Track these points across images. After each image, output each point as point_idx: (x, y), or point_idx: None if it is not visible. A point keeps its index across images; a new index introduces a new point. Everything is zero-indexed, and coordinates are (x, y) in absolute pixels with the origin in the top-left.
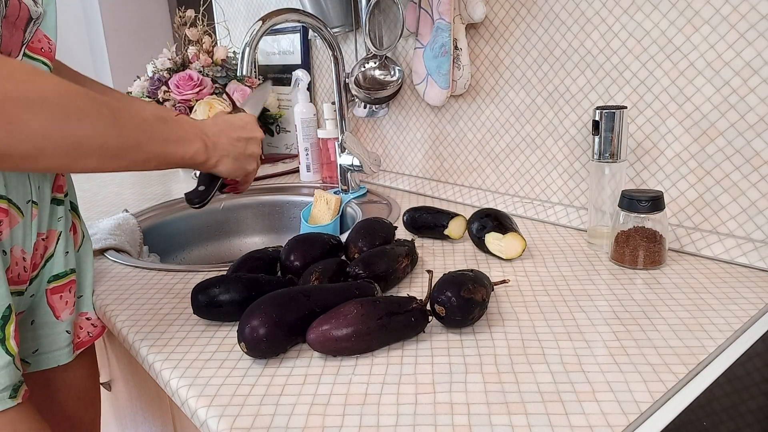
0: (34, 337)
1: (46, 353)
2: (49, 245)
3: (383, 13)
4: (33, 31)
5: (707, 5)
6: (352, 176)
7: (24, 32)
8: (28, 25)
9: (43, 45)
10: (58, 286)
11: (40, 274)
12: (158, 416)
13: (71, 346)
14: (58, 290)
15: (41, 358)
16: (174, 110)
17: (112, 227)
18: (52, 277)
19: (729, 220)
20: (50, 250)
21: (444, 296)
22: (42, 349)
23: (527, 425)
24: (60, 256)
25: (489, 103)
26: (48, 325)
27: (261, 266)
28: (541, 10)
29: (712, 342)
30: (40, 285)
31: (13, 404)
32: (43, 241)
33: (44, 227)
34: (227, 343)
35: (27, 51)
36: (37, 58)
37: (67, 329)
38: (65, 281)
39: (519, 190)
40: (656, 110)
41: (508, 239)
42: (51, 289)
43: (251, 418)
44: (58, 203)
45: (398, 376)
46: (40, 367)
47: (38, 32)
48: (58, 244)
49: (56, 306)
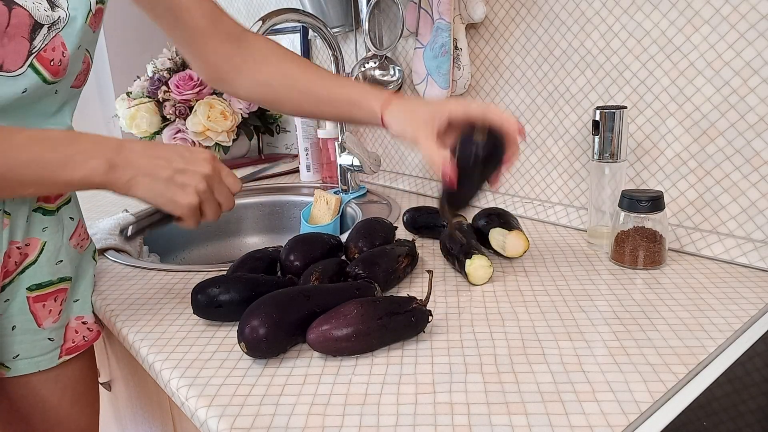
0: (15, 342)
1: (26, 359)
2: (30, 253)
3: (383, 13)
4: (49, 38)
5: (707, 5)
6: (352, 176)
7: (30, 40)
8: (36, 31)
9: (55, 56)
10: (42, 295)
11: (17, 280)
12: (158, 416)
13: (56, 351)
14: (42, 299)
15: (21, 363)
16: (78, 132)
17: (112, 227)
18: (34, 285)
19: (729, 220)
20: (31, 257)
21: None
22: (23, 354)
23: (527, 425)
24: (44, 265)
25: (489, 103)
26: (29, 332)
27: (261, 266)
28: (541, 10)
29: (712, 342)
30: (16, 291)
31: None
32: (18, 249)
33: (20, 236)
34: (227, 343)
35: (35, 61)
36: (39, 72)
37: (49, 337)
38: (50, 290)
39: (519, 190)
40: (656, 110)
41: (512, 236)
42: (33, 297)
43: (251, 418)
44: (44, 213)
45: (398, 376)
46: (19, 372)
47: (56, 39)
48: (42, 254)
49: (38, 314)
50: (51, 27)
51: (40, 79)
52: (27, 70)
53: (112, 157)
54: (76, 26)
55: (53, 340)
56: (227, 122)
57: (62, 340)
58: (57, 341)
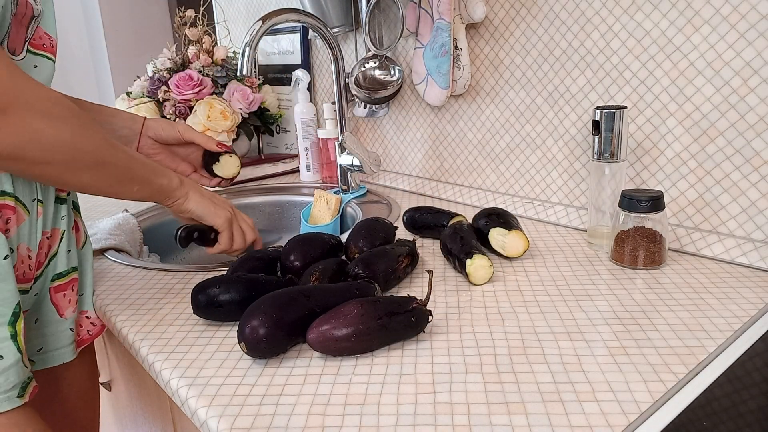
0: (39, 335)
1: (50, 351)
2: (53, 244)
3: (383, 13)
4: (34, 28)
5: (707, 5)
6: (352, 176)
7: (27, 30)
8: (31, 22)
9: (44, 41)
10: (61, 284)
11: (45, 273)
12: (158, 416)
13: (74, 343)
14: (62, 288)
15: (46, 356)
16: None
17: (112, 227)
18: (56, 275)
19: (729, 220)
20: (54, 248)
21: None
22: (47, 347)
23: (527, 425)
24: (63, 254)
25: (489, 103)
26: (52, 323)
27: (261, 266)
28: (541, 10)
29: (712, 342)
30: (44, 283)
31: (20, 403)
32: (47, 240)
33: (49, 226)
34: (227, 343)
35: (30, 47)
36: (40, 54)
37: (70, 327)
38: (67, 279)
39: (519, 190)
40: (656, 110)
41: (512, 236)
42: (54, 287)
43: (251, 418)
44: (61, 202)
45: (398, 376)
46: (44, 365)
47: (38, 30)
48: (62, 243)
49: (60, 304)
50: (36, 19)
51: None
52: (27, 55)
53: (181, 178)
54: (49, 18)
55: (73, 331)
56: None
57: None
58: (74, 332)
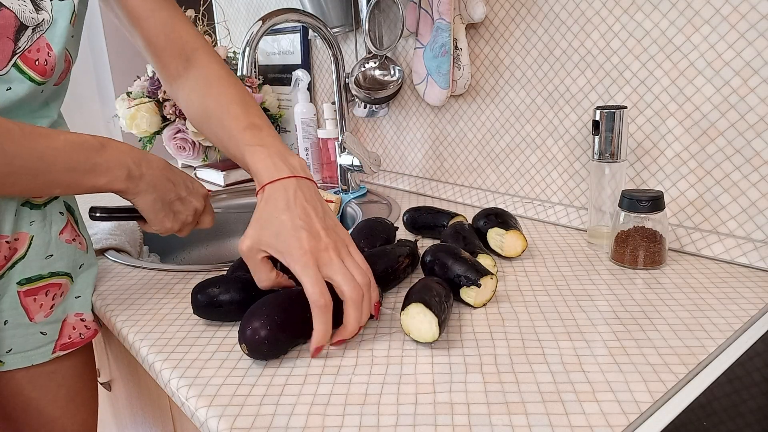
0: (8, 336)
1: (19, 353)
2: (19, 247)
3: (383, 13)
4: (33, 39)
5: (707, 5)
6: (352, 176)
7: (14, 41)
8: (21, 33)
9: (40, 57)
10: (32, 289)
11: (7, 275)
12: (158, 416)
13: (49, 346)
14: (32, 293)
15: (15, 357)
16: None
17: (112, 227)
18: (24, 279)
19: (729, 220)
20: (20, 252)
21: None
22: (16, 348)
23: (527, 425)
24: (33, 259)
25: (489, 103)
26: (21, 326)
27: None
28: (541, 10)
29: (712, 342)
30: (7, 286)
31: None
32: (7, 244)
33: (8, 230)
34: (227, 343)
35: (19, 61)
36: (25, 72)
37: (42, 331)
38: (40, 284)
39: (519, 190)
40: (656, 110)
41: (509, 236)
42: (24, 291)
43: (251, 418)
44: (32, 207)
45: (398, 376)
46: (13, 367)
47: (40, 41)
48: (31, 248)
49: (30, 308)
50: (35, 29)
51: (26, 78)
52: (11, 69)
53: (132, 168)
54: (60, 28)
55: (46, 335)
56: None
57: (57, 335)
58: (51, 336)
